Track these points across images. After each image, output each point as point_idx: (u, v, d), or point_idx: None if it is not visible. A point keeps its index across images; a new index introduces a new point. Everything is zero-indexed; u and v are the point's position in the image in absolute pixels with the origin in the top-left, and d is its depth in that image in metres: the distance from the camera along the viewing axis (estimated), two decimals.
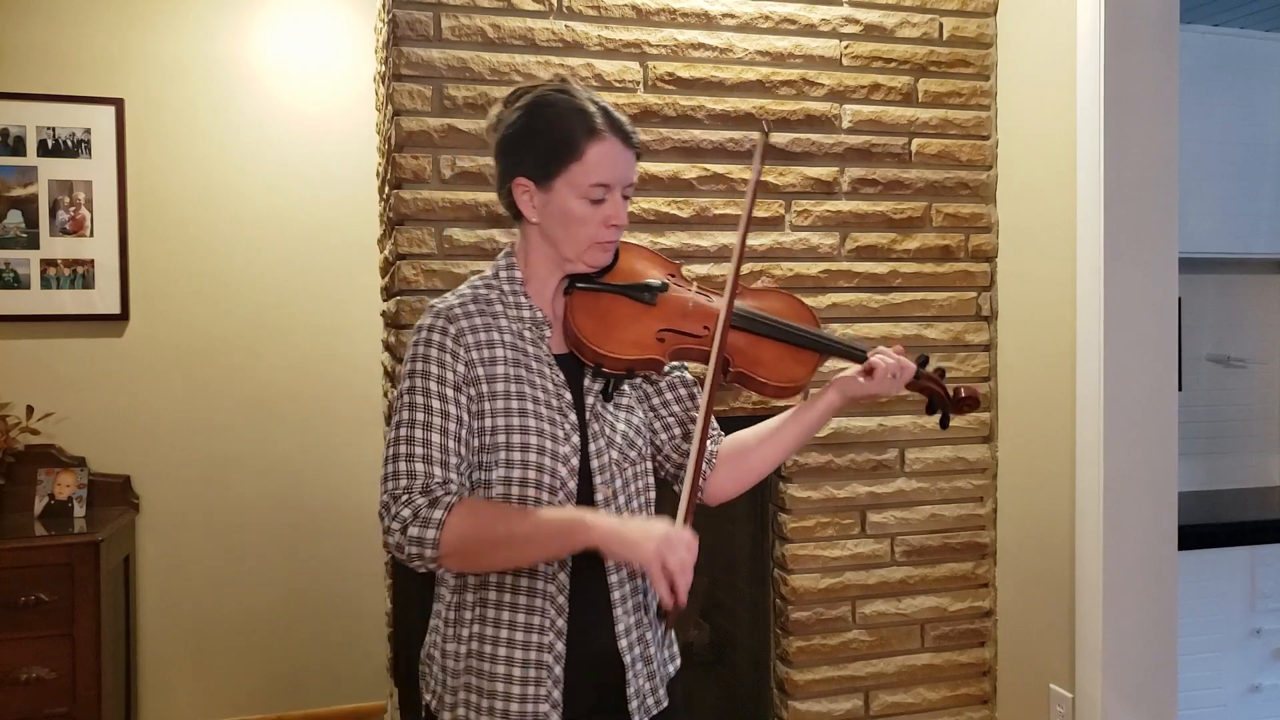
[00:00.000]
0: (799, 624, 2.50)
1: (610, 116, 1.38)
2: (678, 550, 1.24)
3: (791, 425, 1.53)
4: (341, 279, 3.33)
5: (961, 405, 1.58)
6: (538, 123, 1.37)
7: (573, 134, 1.34)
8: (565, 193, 1.35)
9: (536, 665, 1.34)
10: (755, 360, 1.47)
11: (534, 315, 1.40)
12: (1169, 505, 2.27)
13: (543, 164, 1.36)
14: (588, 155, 1.34)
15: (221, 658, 3.25)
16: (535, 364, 1.38)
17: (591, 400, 1.41)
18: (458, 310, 1.37)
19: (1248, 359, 3.09)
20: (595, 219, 1.36)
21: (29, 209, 3.06)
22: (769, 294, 1.56)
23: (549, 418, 1.36)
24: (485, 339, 1.36)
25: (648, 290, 1.45)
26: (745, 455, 1.54)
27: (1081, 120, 2.27)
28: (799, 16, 2.46)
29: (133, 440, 3.16)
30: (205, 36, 3.22)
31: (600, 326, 1.39)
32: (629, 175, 1.39)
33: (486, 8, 2.27)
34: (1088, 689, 2.28)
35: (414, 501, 1.27)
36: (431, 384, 1.33)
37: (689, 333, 1.44)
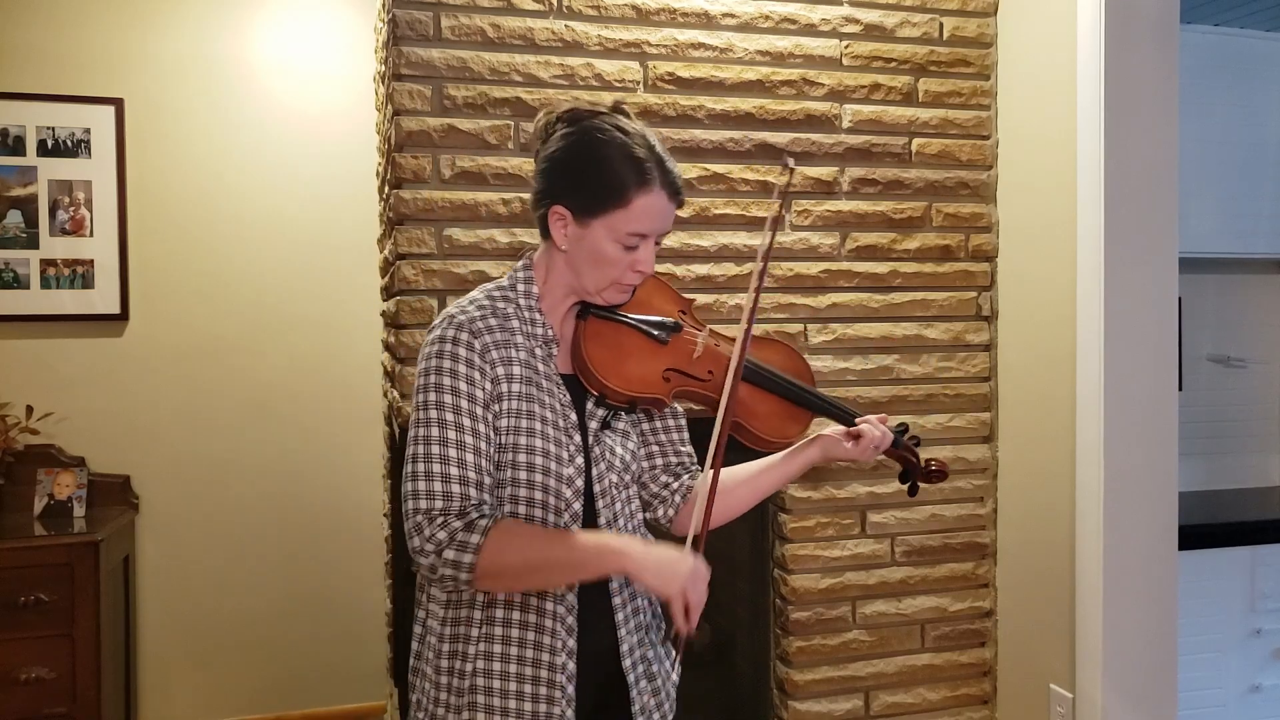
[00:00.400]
0: (799, 624, 2.50)
1: (664, 168, 1.34)
2: (699, 585, 1.28)
3: (770, 475, 1.54)
4: (341, 279, 3.33)
5: (931, 476, 1.64)
6: (589, 157, 1.34)
7: (623, 181, 1.32)
8: (601, 234, 1.33)
9: (549, 684, 1.33)
10: (752, 412, 1.48)
11: (546, 333, 1.39)
12: (1169, 505, 2.27)
13: (585, 200, 1.33)
14: (634, 205, 1.32)
15: (221, 658, 3.25)
16: (545, 382, 1.37)
17: (594, 424, 1.41)
18: (480, 324, 1.34)
19: (1248, 359, 3.09)
20: (624, 263, 1.35)
21: (29, 209, 3.06)
22: (770, 345, 1.57)
23: (555, 438, 1.35)
24: (505, 355, 1.34)
25: (662, 328, 1.45)
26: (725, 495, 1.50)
27: (1081, 120, 2.27)
28: (799, 16, 2.46)
29: (133, 440, 3.16)
30: (205, 36, 3.22)
31: (610, 358, 1.39)
32: (667, 226, 1.38)
33: (486, 8, 2.27)
34: (1088, 689, 2.28)
35: (450, 524, 1.25)
36: (462, 400, 1.30)
37: (695, 375, 1.44)
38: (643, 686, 1.42)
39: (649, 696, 1.43)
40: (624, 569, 1.26)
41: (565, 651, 1.34)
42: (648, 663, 1.44)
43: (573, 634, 1.35)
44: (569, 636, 1.35)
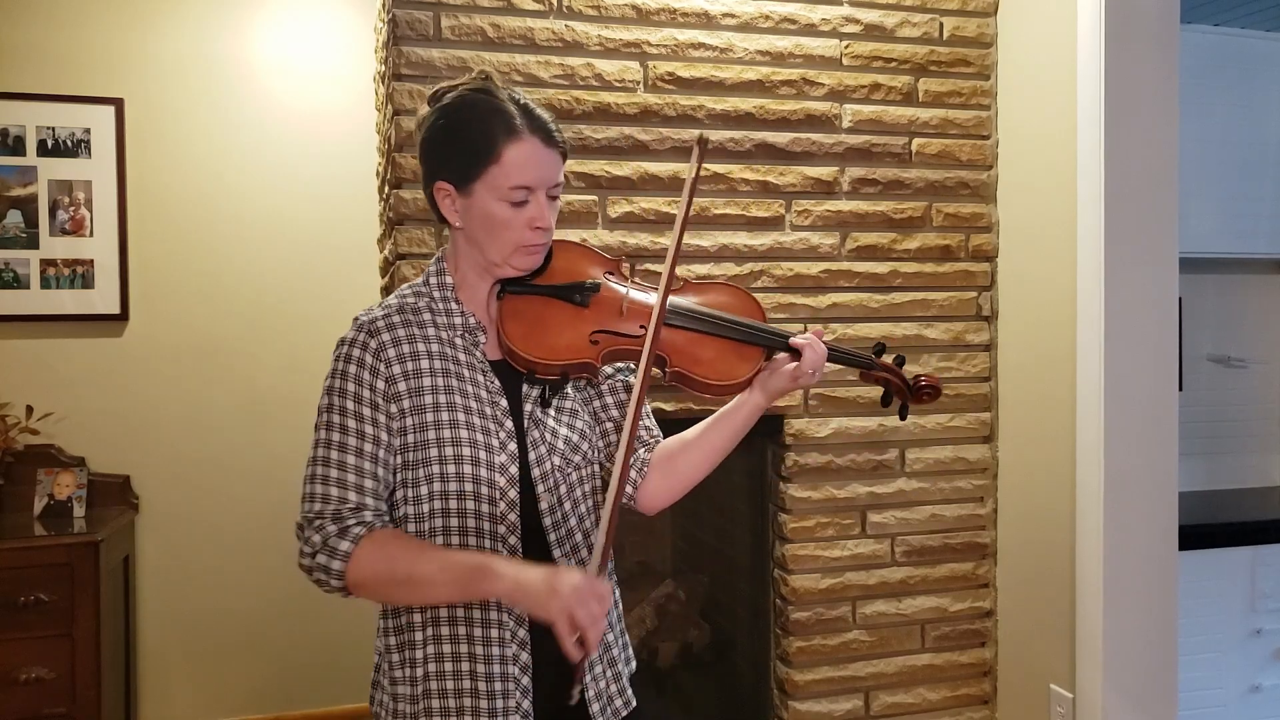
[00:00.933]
0: (799, 624, 2.50)
1: (531, 115, 1.32)
2: (587, 603, 1.18)
3: (717, 428, 1.46)
4: (341, 279, 3.33)
5: (921, 395, 1.50)
6: (455, 124, 1.32)
7: (490, 136, 1.29)
8: (485, 196, 1.30)
9: (502, 678, 1.31)
10: (694, 359, 1.40)
11: (466, 321, 1.37)
12: (1169, 505, 2.27)
13: (461, 167, 1.31)
14: (505, 157, 1.29)
15: (221, 658, 3.25)
16: (468, 371, 1.35)
17: (530, 407, 1.37)
18: (380, 323, 1.33)
19: (1248, 359, 3.09)
20: (518, 222, 1.31)
21: (29, 209, 3.06)
22: (713, 287, 1.48)
23: (482, 426, 1.32)
24: (409, 350, 1.32)
25: (580, 291, 1.38)
26: (672, 460, 1.48)
27: (1082, 120, 2.27)
28: (799, 16, 2.46)
29: (132, 440, 3.16)
30: (205, 36, 3.22)
31: (529, 331, 1.34)
32: (552, 176, 1.33)
33: (486, 8, 2.27)
34: (1088, 689, 2.28)
35: (325, 528, 1.26)
36: (349, 403, 1.30)
37: (624, 333, 1.38)
38: (598, 672, 1.40)
39: (608, 683, 1.41)
40: (495, 592, 1.22)
41: (516, 642, 1.32)
42: (606, 647, 1.41)
43: (523, 624, 1.32)
44: (519, 627, 1.32)
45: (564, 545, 1.38)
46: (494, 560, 1.25)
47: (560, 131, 1.35)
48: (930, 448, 2.60)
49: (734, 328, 1.43)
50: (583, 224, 2.34)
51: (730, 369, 1.41)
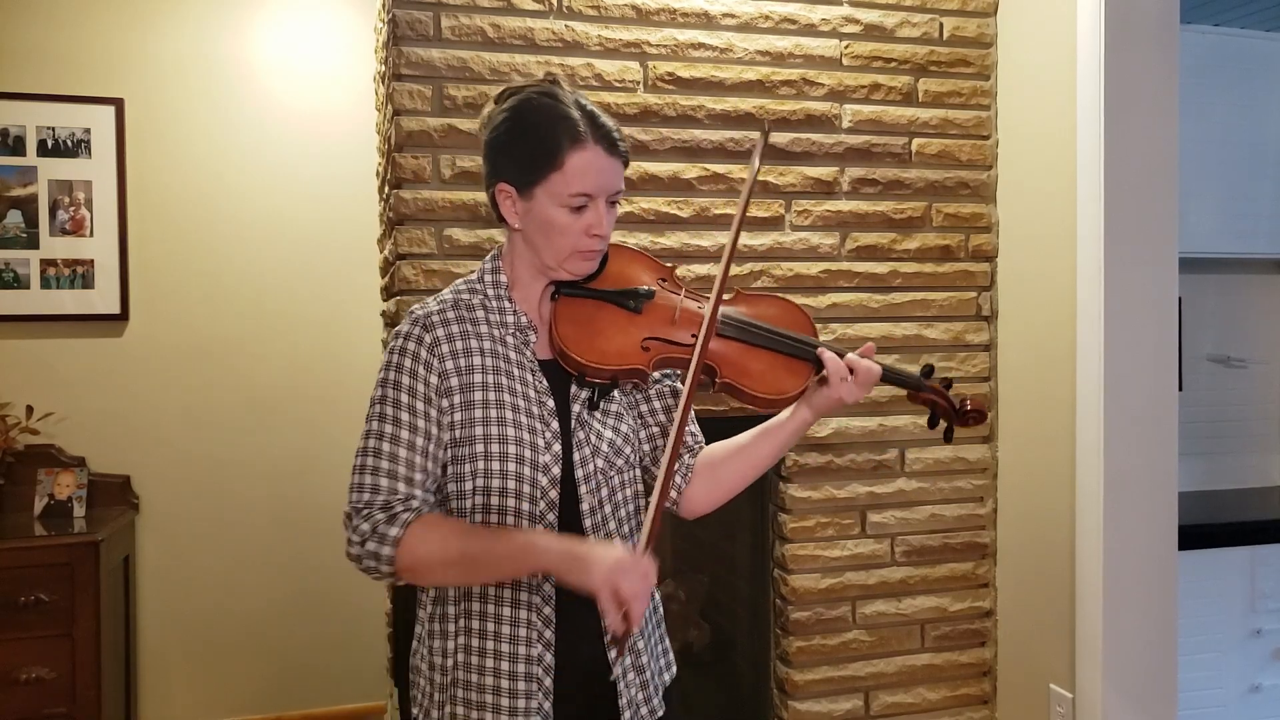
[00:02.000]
0: (799, 624, 2.50)
1: (595, 122, 1.33)
2: (630, 577, 1.19)
3: (765, 441, 1.47)
4: (341, 279, 3.33)
5: (967, 419, 1.49)
6: (520, 128, 1.34)
7: (554, 142, 1.31)
8: (545, 201, 1.32)
9: (525, 677, 1.32)
10: (743, 370, 1.40)
11: (518, 320, 1.38)
12: (1169, 505, 2.27)
13: (524, 171, 1.33)
14: (568, 164, 1.30)
15: (221, 658, 3.25)
16: (518, 370, 1.36)
17: (578, 408, 1.38)
18: (435, 318, 1.35)
19: (1248, 359, 3.09)
20: (576, 228, 1.32)
21: (29, 209, 3.06)
22: (764, 299, 1.49)
23: (529, 425, 1.34)
24: (463, 346, 1.34)
25: (634, 297, 1.40)
26: (716, 469, 1.49)
27: (1081, 120, 2.27)
28: (799, 16, 2.46)
29: (133, 440, 3.16)
30: (205, 36, 3.22)
31: (583, 335, 1.36)
32: (613, 184, 1.34)
33: (486, 8, 2.27)
34: (1088, 689, 2.28)
35: (373, 516, 1.28)
36: (403, 395, 1.32)
37: (676, 341, 1.39)
38: (630, 679, 1.39)
39: (637, 690, 1.40)
40: (541, 565, 1.25)
41: (541, 643, 1.33)
42: (636, 654, 1.41)
43: (550, 625, 1.34)
44: (545, 627, 1.34)
45: None
46: (541, 535, 1.28)
47: (624, 139, 1.36)
48: (930, 448, 2.60)
49: (785, 341, 1.43)
50: None
51: (779, 383, 1.41)
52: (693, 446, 1.53)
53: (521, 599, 1.34)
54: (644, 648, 1.44)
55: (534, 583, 1.34)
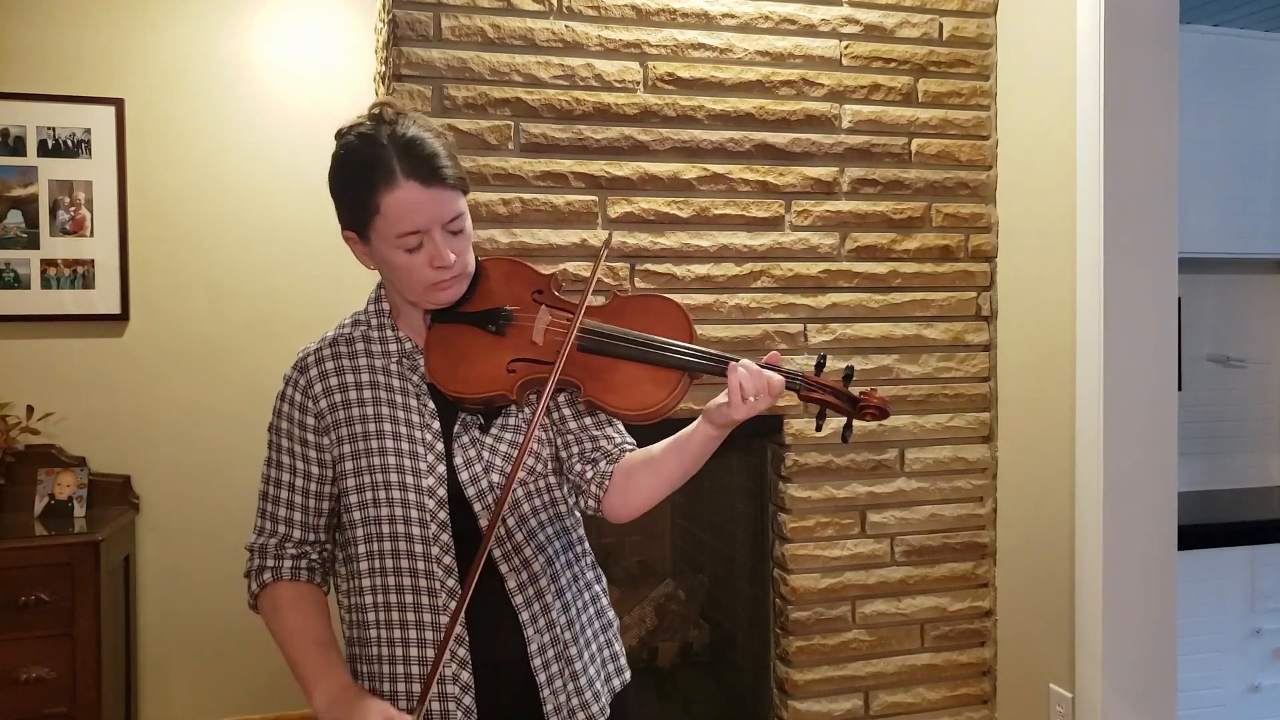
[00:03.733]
0: (799, 624, 2.50)
1: (410, 154, 1.26)
2: None
3: (670, 455, 1.37)
4: (341, 279, 3.32)
5: (864, 413, 1.32)
6: (340, 176, 1.32)
7: (368, 187, 1.26)
8: (379, 246, 1.29)
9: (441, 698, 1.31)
10: (606, 386, 1.32)
11: (402, 347, 1.38)
12: (1169, 505, 2.27)
13: (352, 220, 1.31)
14: (384, 208, 1.26)
15: (221, 658, 3.25)
16: (401, 396, 1.35)
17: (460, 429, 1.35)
18: (311, 358, 1.40)
19: (1248, 359, 3.08)
20: (418, 264, 1.28)
21: (29, 209, 3.06)
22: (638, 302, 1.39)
23: (410, 451, 1.33)
24: (338, 382, 1.37)
25: (494, 320, 1.35)
26: (630, 478, 1.41)
27: (1081, 120, 2.27)
28: (799, 16, 2.46)
29: (133, 440, 3.16)
30: (205, 36, 3.22)
31: (449, 363, 1.33)
32: (442, 213, 1.27)
33: (486, 8, 2.27)
34: (1088, 689, 2.28)
35: (253, 561, 1.40)
36: (283, 439, 1.39)
37: (541, 360, 1.33)
38: (558, 686, 1.37)
39: (568, 696, 1.38)
40: (312, 707, 1.31)
41: (456, 661, 1.31)
42: (569, 661, 1.38)
43: (463, 643, 1.31)
44: (459, 646, 1.31)
45: (511, 560, 1.36)
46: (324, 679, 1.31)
47: (450, 164, 1.30)
48: (930, 448, 2.60)
49: (648, 350, 1.33)
50: (583, 224, 2.34)
51: (643, 396, 1.31)
52: (611, 452, 1.44)
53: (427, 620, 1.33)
54: (577, 653, 1.40)
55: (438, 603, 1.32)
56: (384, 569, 1.34)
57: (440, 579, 1.32)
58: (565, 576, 1.42)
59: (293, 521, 1.38)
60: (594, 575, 1.50)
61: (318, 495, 1.38)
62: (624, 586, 2.99)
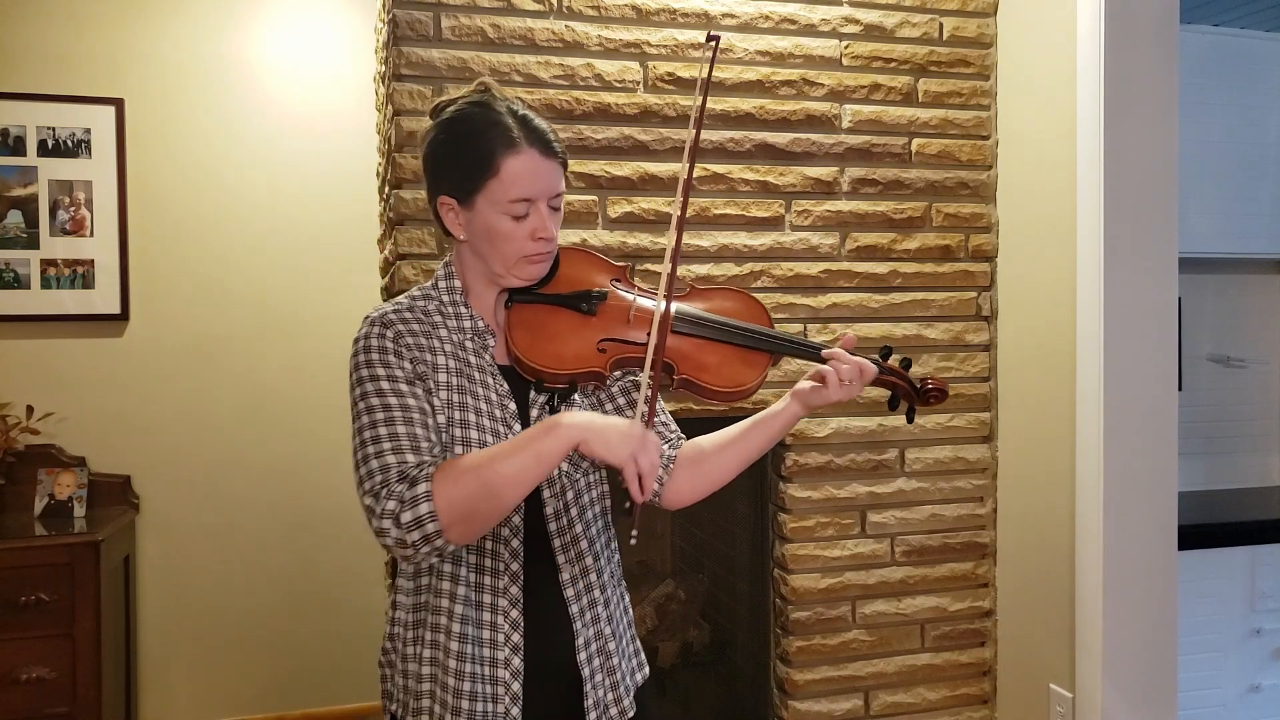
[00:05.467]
0: (799, 624, 2.50)
1: (529, 125, 1.33)
2: (649, 452, 1.24)
3: (754, 433, 1.47)
4: (341, 279, 3.33)
5: (928, 396, 1.50)
6: (454, 139, 1.34)
7: (488, 149, 1.30)
8: (487, 210, 1.31)
9: (492, 680, 1.32)
10: (700, 365, 1.40)
11: (475, 325, 1.37)
12: (1169, 505, 2.27)
13: (462, 182, 1.33)
14: (504, 170, 1.30)
15: (221, 658, 3.25)
16: (478, 374, 1.35)
17: (536, 412, 1.38)
18: (392, 316, 1.33)
19: (1248, 359, 3.09)
20: (521, 234, 1.32)
21: (29, 209, 3.06)
22: (719, 293, 1.49)
23: (491, 429, 1.33)
24: (426, 344, 1.33)
25: (586, 300, 1.39)
26: (702, 462, 1.48)
27: (1081, 120, 2.27)
28: (799, 16, 2.46)
29: (133, 440, 3.16)
30: (205, 36, 3.22)
31: (538, 341, 1.35)
32: (552, 186, 1.34)
33: (486, 8, 2.27)
34: (1088, 689, 2.28)
35: (394, 491, 1.20)
36: (383, 384, 1.28)
37: (631, 341, 1.38)
38: (598, 680, 1.39)
39: (605, 691, 1.40)
40: (574, 440, 1.21)
41: (509, 646, 1.33)
42: (607, 656, 1.41)
43: (517, 628, 1.33)
44: (514, 631, 1.33)
45: (568, 551, 1.39)
46: (555, 418, 1.24)
47: (559, 141, 1.36)
48: (930, 448, 2.60)
49: (739, 333, 1.43)
50: (583, 224, 2.34)
51: (736, 375, 1.41)
52: (670, 438, 1.51)
53: (485, 602, 1.33)
54: (615, 649, 1.43)
55: (501, 585, 1.33)
56: None
57: (505, 560, 1.34)
58: (606, 571, 1.45)
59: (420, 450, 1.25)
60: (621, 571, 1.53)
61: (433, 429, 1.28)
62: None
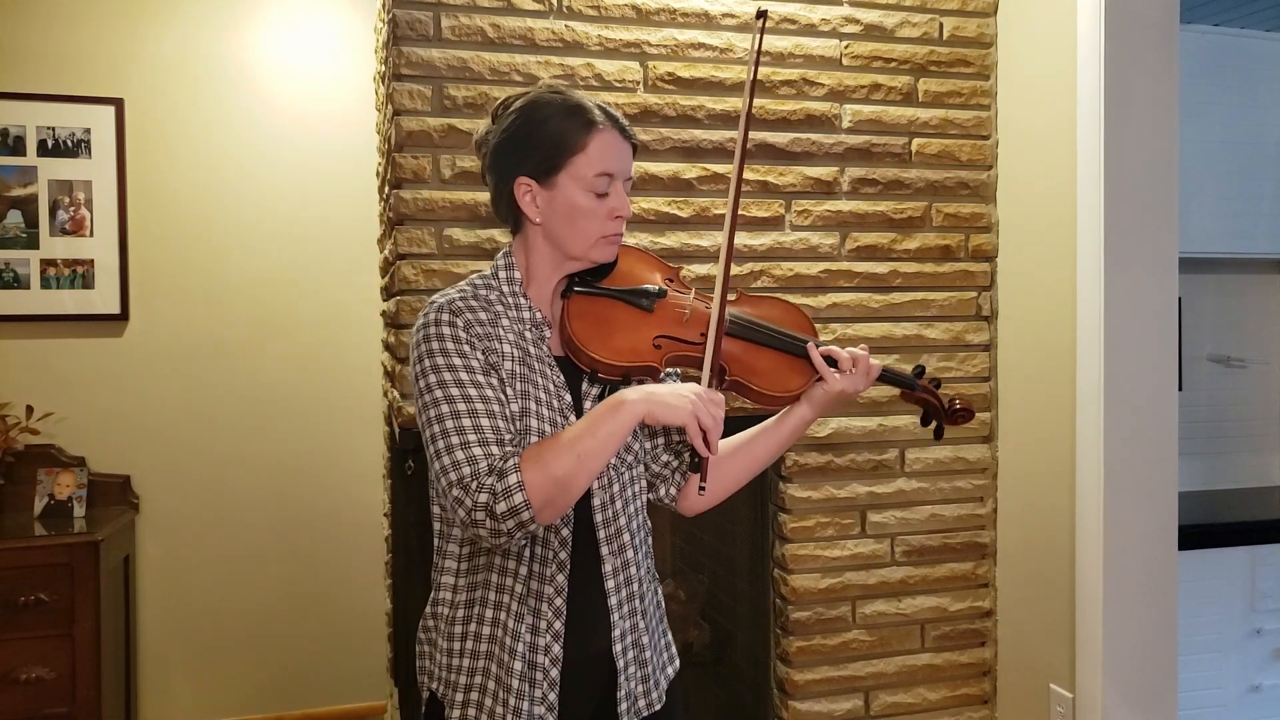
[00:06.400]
0: (799, 624, 2.50)
1: (607, 111, 1.40)
2: (710, 407, 1.29)
3: (766, 438, 1.52)
4: (341, 279, 3.33)
5: (956, 417, 1.57)
6: (536, 121, 1.38)
7: (574, 126, 1.36)
8: (570, 186, 1.36)
9: (532, 666, 1.34)
10: (751, 369, 1.45)
11: (533, 316, 1.40)
12: (1169, 505, 2.27)
13: (545, 160, 1.36)
14: (590, 146, 1.36)
15: (221, 658, 3.25)
16: (537, 365, 1.38)
17: (590, 404, 1.40)
18: (460, 303, 1.34)
19: (1248, 359, 3.09)
20: (601, 211, 1.37)
21: (29, 209, 3.06)
22: (766, 300, 1.54)
23: (550, 419, 1.35)
24: (491, 332, 1.35)
25: (646, 296, 1.43)
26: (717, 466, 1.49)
27: (1081, 120, 2.27)
28: (799, 16, 2.46)
29: (133, 440, 3.16)
30: (205, 36, 3.22)
31: (596, 332, 1.38)
32: (629, 167, 1.41)
33: (486, 8, 2.27)
34: (1088, 689, 2.28)
35: (484, 484, 1.23)
36: (460, 373, 1.30)
37: (686, 339, 1.42)
38: (631, 673, 1.42)
39: (636, 683, 1.43)
40: (640, 414, 1.26)
41: (550, 634, 1.35)
42: (640, 649, 1.44)
43: (560, 616, 1.36)
44: (556, 619, 1.35)
45: (612, 543, 1.41)
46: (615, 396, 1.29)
47: (631, 127, 1.44)
48: (930, 448, 2.60)
49: (789, 341, 1.48)
50: None
51: (785, 381, 1.46)
52: None
53: (532, 589, 1.35)
54: (648, 642, 1.45)
55: (548, 573, 1.36)
56: None
57: (555, 549, 1.36)
58: (645, 565, 1.47)
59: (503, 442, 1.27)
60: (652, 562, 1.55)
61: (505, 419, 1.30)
62: None
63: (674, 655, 1.54)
